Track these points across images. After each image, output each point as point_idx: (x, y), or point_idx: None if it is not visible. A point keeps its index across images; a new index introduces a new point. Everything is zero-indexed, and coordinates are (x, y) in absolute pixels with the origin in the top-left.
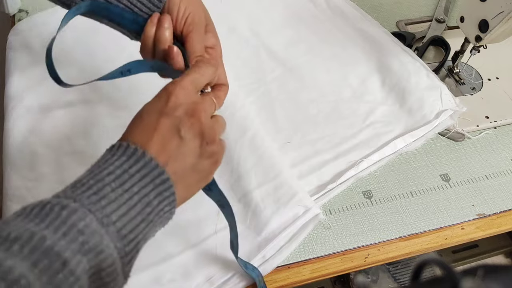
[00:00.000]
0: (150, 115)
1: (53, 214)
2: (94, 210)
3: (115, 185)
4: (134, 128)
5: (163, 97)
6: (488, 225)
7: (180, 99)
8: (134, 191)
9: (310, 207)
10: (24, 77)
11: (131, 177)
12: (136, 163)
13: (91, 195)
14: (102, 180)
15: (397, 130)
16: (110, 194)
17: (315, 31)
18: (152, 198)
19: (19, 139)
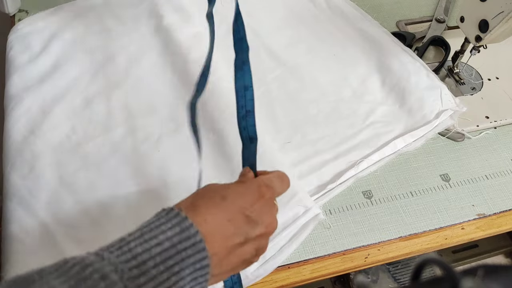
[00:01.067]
0: (232, 204)
1: (91, 282)
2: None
3: (159, 260)
4: (204, 202)
5: (254, 194)
6: (488, 225)
7: (265, 207)
8: (175, 271)
9: (310, 207)
10: (24, 77)
11: (177, 254)
12: (187, 240)
13: (133, 267)
14: (149, 250)
15: (397, 130)
16: (152, 271)
17: (315, 31)
18: (187, 282)
19: (19, 139)
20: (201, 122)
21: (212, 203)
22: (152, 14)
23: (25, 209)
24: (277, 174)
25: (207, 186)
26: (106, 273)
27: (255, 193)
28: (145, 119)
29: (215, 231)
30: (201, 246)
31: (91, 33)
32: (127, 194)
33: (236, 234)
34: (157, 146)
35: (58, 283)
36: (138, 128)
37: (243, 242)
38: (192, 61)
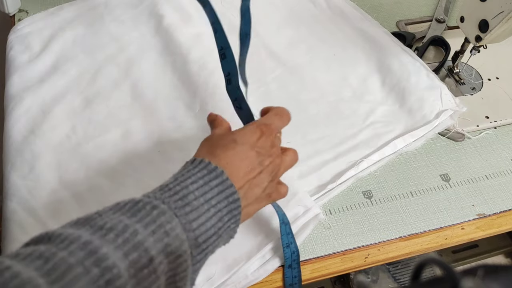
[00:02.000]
0: (242, 145)
1: (145, 211)
2: (179, 215)
3: (198, 194)
4: (221, 150)
5: (256, 133)
6: (488, 225)
7: (268, 141)
8: (212, 203)
9: (310, 207)
10: (24, 77)
11: (211, 189)
12: (216, 178)
13: (177, 200)
14: (186, 187)
15: (397, 130)
16: (194, 202)
17: (315, 31)
18: (224, 214)
19: (19, 139)
20: (202, 122)
21: (227, 148)
22: (152, 14)
23: (25, 209)
24: (275, 111)
25: (212, 136)
26: (155, 204)
27: (257, 132)
28: (145, 119)
29: (236, 170)
30: (229, 183)
31: (91, 33)
32: (127, 194)
33: (252, 168)
34: (157, 146)
35: (117, 216)
36: (138, 128)
37: (259, 172)
38: (192, 61)
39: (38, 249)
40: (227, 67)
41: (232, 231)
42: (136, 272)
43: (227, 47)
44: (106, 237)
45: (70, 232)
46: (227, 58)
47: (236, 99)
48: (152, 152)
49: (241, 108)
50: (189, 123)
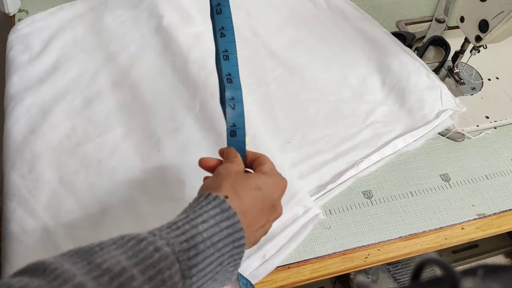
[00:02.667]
0: (264, 195)
1: (147, 252)
2: (182, 260)
3: (206, 236)
4: (245, 195)
5: (279, 189)
6: (488, 225)
7: (281, 196)
8: (218, 247)
9: (310, 207)
10: (24, 77)
11: (220, 231)
12: (227, 220)
13: (183, 241)
14: (196, 227)
15: (397, 130)
16: (200, 245)
17: (315, 31)
18: (226, 258)
19: (19, 139)
20: (202, 122)
21: (251, 196)
22: (152, 14)
23: (25, 209)
24: None
25: (235, 170)
26: (159, 246)
27: (277, 184)
28: (145, 119)
29: (251, 220)
30: (239, 226)
31: (91, 33)
32: (126, 194)
33: (263, 219)
34: (157, 146)
35: (118, 253)
36: (138, 128)
37: (265, 224)
38: (192, 61)
39: (29, 285)
40: (227, 69)
41: (230, 274)
42: None
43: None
44: (100, 279)
45: (66, 269)
46: (230, 60)
47: (233, 98)
48: (152, 152)
49: (234, 108)
50: (189, 123)
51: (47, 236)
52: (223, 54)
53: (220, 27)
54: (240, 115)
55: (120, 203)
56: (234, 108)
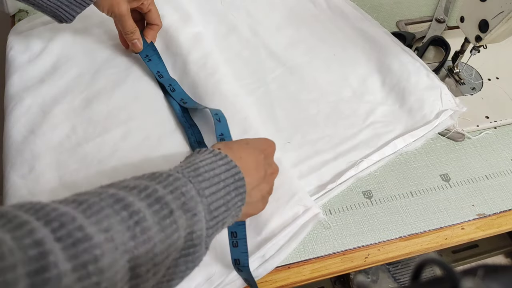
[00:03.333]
0: (254, 148)
1: (162, 177)
2: (194, 182)
3: (208, 168)
4: (236, 146)
5: (266, 143)
6: (488, 225)
7: (272, 154)
8: (221, 178)
9: (310, 206)
10: (24, 77)
11: (219, 167)
12: (221, 160)
13: (190, 171)
14: (197, 164)
15: (397, 130)
16: (205, 174)
17: (315, 31)
18: (232, 189)
19: (19, 139)
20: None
21: (240, 146)
22: None
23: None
24: None
25: (225, 141)
26: (171, 173)
27: (266, 142)
28: (145, 119)
29: (247, 164)
30: (233, 164)
31: (91, 34)
32: None
33: (260, 169)
34: (157, 146)
35: (138, 180)
36: (138, 128)
37: (263, 178)
38: (192, 62)
39: (70, 196)
40: None
41: (238, 209)
42: (159, 220)
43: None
44: (130, 192)
45: (97, 189)
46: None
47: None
48: (152, 152)
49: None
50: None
51: None
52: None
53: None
54: (225, 125)
55: None
56: (220, 121)
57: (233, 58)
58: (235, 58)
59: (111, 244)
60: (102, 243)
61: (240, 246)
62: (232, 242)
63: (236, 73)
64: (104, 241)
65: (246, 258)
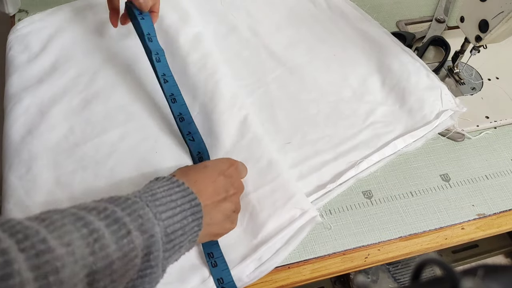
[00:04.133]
0: (212, 170)
1: (120, 200)
2: (151, 206)
3: (165, 194)
4: (192, 171)
5: (226, 163)
6: (488, 225)
7: (235, 173)
8: (178, 203)
9: (307, 209)
10: (23, 77)
11: (175, 193)
12: (178, 187)
13: (148, 196)
14: (154, 190)
15: (397, 131)
16: (162, 199)
17: (315, 31)
18: (189, 214)
19: (17, 139)
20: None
21: (197, 170)
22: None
23: (22, 210)
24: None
25: (187, 166)
26: (128, 196)
27: (227, 162)
28: (143, 120)
29: (203, 187)
30: (189, 191)
31: (90, 34)
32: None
33: (219, 192)
34: (155, 147)
35: (97, 203)
36: (136, 129)
37: (224, 198)
38: (191, 63)
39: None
40: (177, 109)
41: (195, 234)
42: (117, 240)
43: (178, 94)
44: (90, 212)
45: (59, 208)
46: (177, 102)
47: (190, 133)
48: (150, 154)
49: (194, 140)
50: None
51: None
52: (170, 98)
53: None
54: (200, 142)
55: None
56: (194, 140)
57: (233, 58)
58: (235, 58)
59: (72, 258)
60: (63, 256)
61: (220, 264)
62: (211, 262)
63: (236, 73)
64: (65, 254)
65: (229, 274)
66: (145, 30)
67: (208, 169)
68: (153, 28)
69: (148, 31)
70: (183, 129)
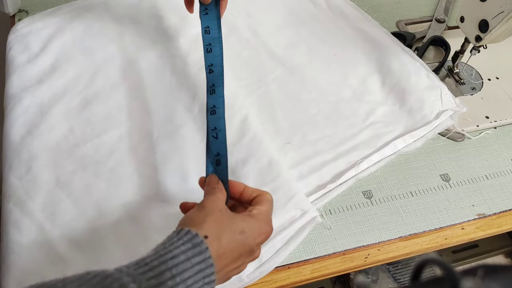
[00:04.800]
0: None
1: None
2: None
3: (176, 272)
4: (227, 235)
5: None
6: (488, 225)
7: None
8: (188, 283)
9: (307, 210)
10: (23, 77)
11: (192, 267)
12: (199, 255)
13: (150, 278)
14: (165, 263)
15: (397, 131)
16: (168, 282)
17: (315, 31)
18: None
19: (17, 140)
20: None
21: (233, 238)
22: (152, 15)
23: (21, 210)
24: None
25: (220, 206)
26: (124, 283)
27: (262, 230)
28: (143, 121)
29: (226, 262)
30: (210, 262)
31: (90, 34)
32: (123, 195)
33: (239, 261)
34: (154, 148)
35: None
36: (136, 130)
37: (240, 265)
38: (191, 63)
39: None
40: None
41: None
42: None
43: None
44: None
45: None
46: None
47: (215, 128)
48: (149, 154)
49: (217, 138)
50: (187, 125)
51: (43, 237)
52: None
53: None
54: (223, 142)
55: (117, 204)
56: (217, 137)
57: (233, 58)
58: (235, 58)
59: None
60: None
61: None
62: None
63: (236, 73)
64: None
65: None
66: (203, 24)
67: (242, 238)
68: (215, 21)
69: (207, 24)
70: (210, 123)
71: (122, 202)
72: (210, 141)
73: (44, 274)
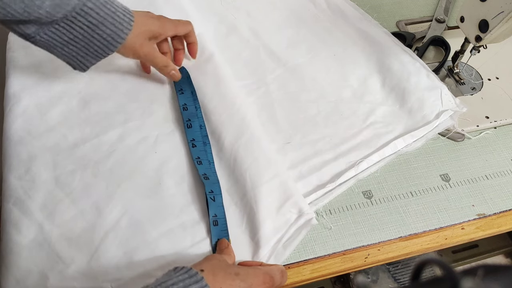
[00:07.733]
0: (241, 282)
1: None
2: None
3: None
4: (222, 275)
5: (259, 280)
6: (488, 225)
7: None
8: None
9: (304, 211)
10: (23, 77)
11: None
12: (196, 283)
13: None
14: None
15: (397, 131)
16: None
17: (315, 31)
18: None
19: (16, 140)
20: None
21: (229, 276)
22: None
23: (21, 210)
24: (279, 268)
25: (220, 258)
26: None
27: (260, 277)
28: (142, 121)
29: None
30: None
31: None
32: (123, 195)
33: None
34: (154, 147)
35: None
36: (135, 130)
37: None
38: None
39: None
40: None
41: None
42: None
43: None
44: None
45: None
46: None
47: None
48: (149, 154)
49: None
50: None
51: (42, 236)
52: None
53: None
54: (219, 206)
55: (116, 204)
56: (214, 200)
57: (233, 58)
58: (235, 58)
59: None
60: None
61: None
62: None
63: (236, 73)
64: None
65: None
66: (181, 102)
67: (239, 279)
68: (191, 98)
69: (184, 102)
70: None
71: (122, 202)
72: (208, 201)
73: (44, 274)
